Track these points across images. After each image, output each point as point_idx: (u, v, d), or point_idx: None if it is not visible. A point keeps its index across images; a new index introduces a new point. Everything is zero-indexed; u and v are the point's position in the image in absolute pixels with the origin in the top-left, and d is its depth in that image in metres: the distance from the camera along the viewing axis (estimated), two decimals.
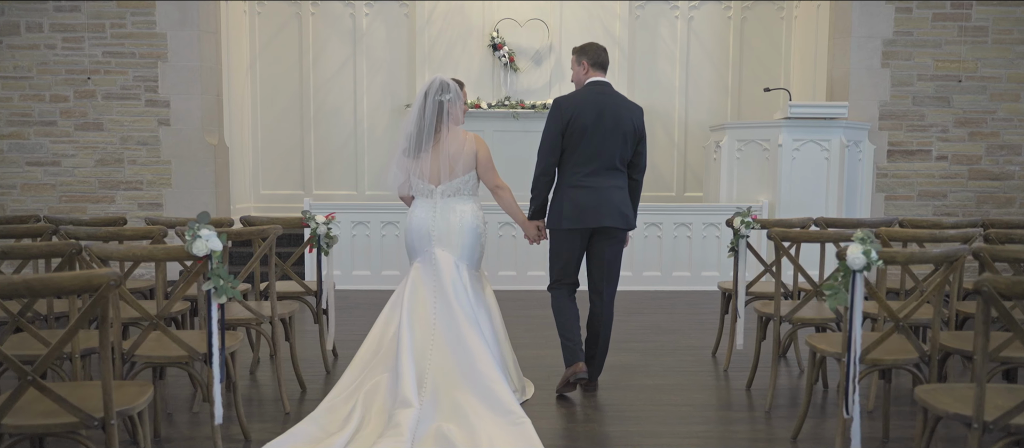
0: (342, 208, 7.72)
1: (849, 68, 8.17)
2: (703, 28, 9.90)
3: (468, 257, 3.97)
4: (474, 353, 3.67)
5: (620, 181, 4.10)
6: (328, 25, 9.71)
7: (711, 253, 7.79)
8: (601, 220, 4.01)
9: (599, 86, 4.11)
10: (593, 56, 4.17)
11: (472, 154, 3.94)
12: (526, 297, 7.24)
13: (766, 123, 7.85)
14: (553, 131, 4.04)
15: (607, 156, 4.02)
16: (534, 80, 9.63)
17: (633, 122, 4.09)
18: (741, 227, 4.57)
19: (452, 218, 3.91)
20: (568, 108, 4.02)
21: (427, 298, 3.82)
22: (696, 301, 7.24)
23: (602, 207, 4.00)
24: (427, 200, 3.94)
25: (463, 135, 3.95)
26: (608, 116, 4.00)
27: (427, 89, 3.86)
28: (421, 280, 3.88)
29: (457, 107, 3.92)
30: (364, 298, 7.27)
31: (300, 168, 9.87)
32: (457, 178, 3.91)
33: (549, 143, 4.05)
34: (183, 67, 7.94)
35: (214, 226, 4.15)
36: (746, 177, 7.95)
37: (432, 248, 3.90)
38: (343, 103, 9.81)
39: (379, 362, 3.76)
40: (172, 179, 8.06)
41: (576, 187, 4.02)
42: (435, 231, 3.90)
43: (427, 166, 3.89)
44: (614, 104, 4.05)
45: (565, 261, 4.14)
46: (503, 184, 4.09)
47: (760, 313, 4.23)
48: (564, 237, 4.11)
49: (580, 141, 3.99)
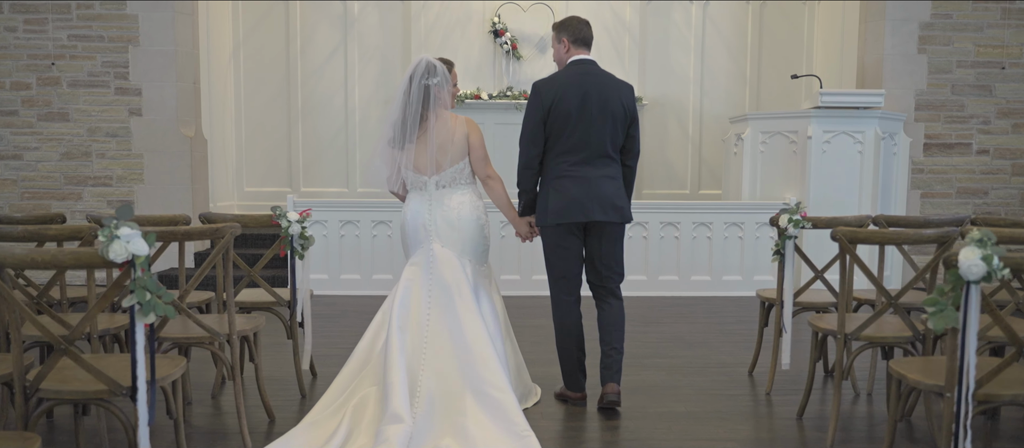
0: (329, 206, 7.06)
1: (883, 54, 7.51)
2: (720, 14, 9.23)
3: (471, 251, 3.65)
4: (479, 356, 3.37)
5: (612, 170, 3.73)
6: (317, 10, 9.04)
7: (732, 256, 7.12)
8: (591, 214, 3.65)
9: (582, 65, 3.71)
10: (574, 31, 3.75)
11: (463, 139, 3.60)
12: (531, 304, 6.57)
13: (793, 113, 7.18)
14: (533, 119, 3.68)
15: (596, 143, 3.66)
16: (538, 69, 8.95)
17: (623, 103, 3.70)
18: (789, 226, 3.89)
19: (449, 211, 3.60)
20: (548, 92, 3.65)
21: (421, 299, 3.50)
22: (717, 308, 6.57)
23: (592, 199, 3.65)
24: (421, 193, 3.63)
25: (453, 120, 3.61)
26: (594, 98, 3.63)
27: (412, 72, 3.57)
28: (415, 279, 3.55)
29: (445, 91, 3.60)
30: (353, 305, 6.60)
31: (287, 163, 9.20)
32: (448, 168, 3.59)
33: (530, 133, 3.69)
34: (156, 52, 7.27)
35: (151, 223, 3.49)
36: (770, 172, 7.29)
37: (430, 244, 3.59)
38: (333, 94, 9.14)
39: (369, 373, 3.47)
40: (144, 174, 7.39)
41: (562, 177, 3.68)
42: (432, 225, 3.60)
43: (414, 156, 3.58)
44: (600, 84, 3.67)
45: (560, 260, 3.77)
46: (495, 174, 3.73)
47: (817, 329, 3.54)
48: (554, 234, 3.75)
49: (564, 128, 3.64)
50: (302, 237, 3.83)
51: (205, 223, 3.81)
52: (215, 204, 8.53)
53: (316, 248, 7.00)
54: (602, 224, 3.72)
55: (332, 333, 5.55)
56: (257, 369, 3.51)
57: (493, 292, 3.77)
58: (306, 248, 3.88)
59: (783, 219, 3.91)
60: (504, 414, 3.22)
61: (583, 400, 3.87)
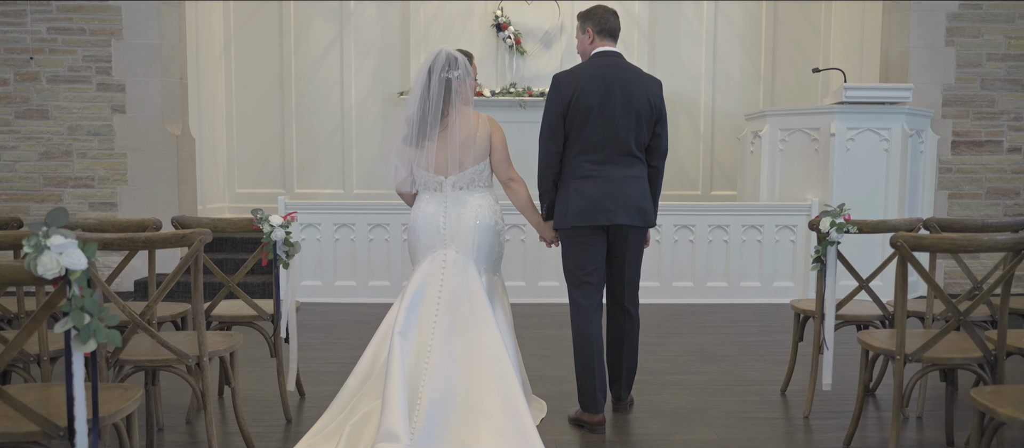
0: (323, 208, 6.65)
1: (908, 46, 7.10)
2: (733, 7, 8.82)
3: (487, 257, 3.43)
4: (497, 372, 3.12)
5: (637, 170, 3.49)
6: (311, 3, 8.63)
7: (751, 260, 6.71)
8: (613, 216, 3.41)
9: (607, 57, 3.48)
10: (599, 21, 3.53)
11: (486, 139, 3.38)
12: (538, 312, 6.17)
13: (815, 109, 6.77)
14: (553, 114, 3.45)
15: (619, 141, 3.42)
16: (543, 64, 8.55)
17: (649, 98, 3.47)
18: (831, 231, 3.48)
19: (466, 214, 3.37)
20: (568, 86, 3.42)
21: (429, 306, 3.25)
22: (736, 317, 6.17)
23: (615, 201, 3.41)
24: (435, 194, 3.40)
25: (475, 117, 3.39)
26: (618, 93, 3.40)
27: (431, 64, 3.33)
28: (426, 284, 3.30)
29: (467, 85, 3.39)
30: (347, 314, 6.19)
31: (280, 163, 8.79)
32: (469, 168, 3.37)
33: (549, 129, 3.46)
34: (141, 45, 6.87)
35: (116, 228, 3.09)
36: (790, 172, 6.88)
37: (444, 249, 3.36)
38: (328, 91, 8.73)
39: (372, 387, 3.24)
40: (128, 175, 6.98)
41: (584, 178, 3.44)
42: (446, 229, 3.37)
43: (433, 155, 3.35)
44: (625, 78, 3.43)
45: (579, 266, 3.51)
46: (518, 176, 3.50)
47: (870, 348, 3.12)
48: (574, 238, 3.50)
49: (585, 124, 3.40)
50: (287, 244, 3.43)
51: (178, 227, 3.41)
52: (204, 206, 8.13)
53: (309, 253, 6.61)
54: (625, 229, 3.48)
55: (324, 346, 5.15)
56: (234, 393, 3.10)
57: (505, 304, 3.54)
58: (291, 255, 3.48)
59: (825, 223, 3.50)
60: (524, 436, 2.98)
61: (602, 425, 3.48)
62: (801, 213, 6.66)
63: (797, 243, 6.69)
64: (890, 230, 3.64)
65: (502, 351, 3.16)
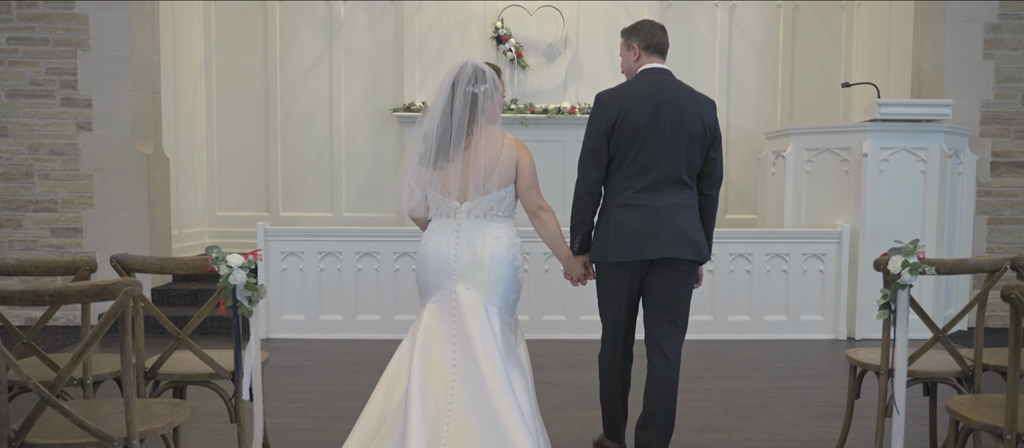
0: (307, 235, 6.05)
1: (942, 59, 6.56)
2: (748, 19, 8.29)
3: (501, 298, 3.05)
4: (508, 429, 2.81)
5: (686, 197, 3.18)
6: (299, 13, 8.08)
7: (776, 292, 6.13)
8: (661, 249, 3.10)
9: (655, 74, 3.21)
10: (646, 37, 3.26)
11: (512, 163, 3.06)
12: (544, 350, 5.57)
13: (846, 127, 6.22)
14: (596, 135, 3.18)
15: (668, 166, 3.12)
16: (546, 79, 8.00)
17: (703, 119, 3.16)
18: (903, 272, 2.89)
19: (481, 246, 3.04)
20: (613, 105, 3.16)
21: (445, 355, 2.94)
22: (762, 355, 5.58)
23: (662, 232, 3.10)
24: (449, 221, 3.07)
25: (501, 138, 3.07)
26: (668, 113, 3.10)
27: (456, 77, 3.03)
28: (436, 328, 2.99)
29: (494, 101, 3.08)
30: (333, 352, 5.58)
31: (264, 184, 8.20)
32: (491, 193, 3.04)
33: (591, 152, 3.19)
34: (109, 57, 6.30)
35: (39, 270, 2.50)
36: (818, 195, 6.31)
37: (453, 285, 3.02)
38: (316, 107, 8.16)
39: (387, 438, 2.89)
40: (94, 198, 6.39)
41: (626, 206, 3.14)
42: (458, 262, 3.03)
43: (452, 177, 3.04)
44: (676, 97, 3.14)
45: (617, 305, 3.26)
46: (547, 205, 3.17)
47: (966, 421, 2.52)
48: (613, 274, 3.21)
49: (631, 147, 3.12)
50: (249, 287, 2.83)
51: (118, 268, 2.81)
52: (181, 231, 7.54)
53: (291, 284, 6.01)
54: (673, 263, 3.15)
55: (303, 395, 4.54)
56: None
57: (522, 350, 3.16)
58: (255, 301, 2.88)
59: (895, 262, 2.91)
60: None
61: None
62: (830, 240, 6.09)
63: (826, 273, 6.11)
64: (971, 270, 3.06)
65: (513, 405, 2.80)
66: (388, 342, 5.77)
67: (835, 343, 6.02)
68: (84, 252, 6.40)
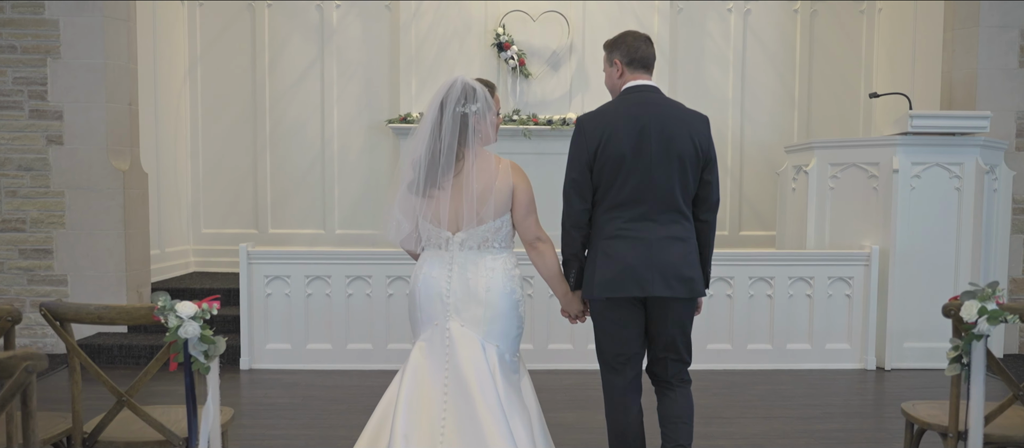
0: (293, 258, 5.60)
1: (975, 68, 6.12)
2: (763, 25, 7.86)
3: (500, 334, 2.86)
4: None
5: (680, 228, 2.93)
6: (289, 19, 7.65)
7: (799, 319, 5.68)
8: (650, 287, 2.87)
9: (639, 93, 2.97)
10: (628, 50, 3.01)
11: (508, 190, 2.85)
12: (550, 383, 5.13)
13: (874, 140, 5.78)
14: (577, 165, 2.95)
15: (658, 193, 2.88)
16: (550, 89, 7.56)
17: (694, 139, 2.91)
18: (980, 321, 2.45)
19: (475, 279, 2.84)
20: (594, 130, 2.92)
21: (434, 398, 2.72)
22: (786, 389, 5.14)
23: (651, 267, 2.87)
24: (441, 253, 2.88)
25: (496, 163, 2.87)
26: (654, 135, 2.87)
27: (444, 97, 2.83)
28: (426, 368, 2.78)
29: (487, 122, 2.87)
30: (320, 385, 5.13)
31: (252, 200, 7.76)
32: (486, 223, 2.84)
33: (573, 183, 2.96)
34: (81, 66, 5.87)
35: None
36: (843, 214, 5.87)
37: (446, 321, 2.83)
38: (307, 118, 7.73)
39: None
40: (66, 217, 5.94)
41: (615, 238, 2.91)
42: (451, 297, 2.84)
43: (443, 206, 2.84)
44: (662, 116, 2.90)
45: (613, 341, 2.99)
46: (545, 236, 2.96)
47: None
48: (605, 312, 2.97)
49: (616, 175, 2.89)
50: (205, 340, 2.38)
51: (48, 316, 2.36)
52: (163, 250, 7.10)
53: (277, 311, 5.57)
54: (665, 300, 2.90)
55: (286, 439, 4.08)
56: None
57: (527, 391, 2.94)
58: (212, 356, 2.43)
59: (970, 309, 2.47)
60: None
61: None
62: (858, 263, 5.64)
63: (853, 298, 5.66)
64: None
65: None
66: (381, 373, 5.34)
67: (863, 373, 5.57)
68: (55, 274, 5.96)
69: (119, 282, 5.98)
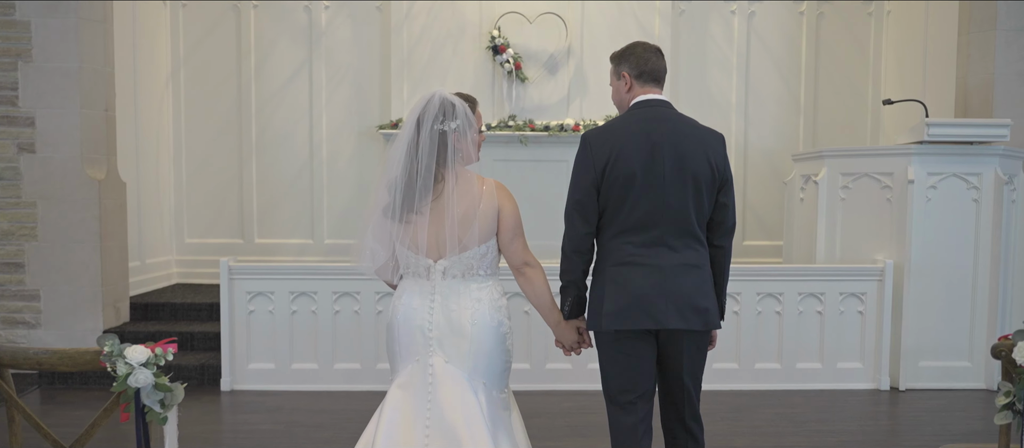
0: (276, 272, 5.31)
1: (993, 73, 5.86)
2: (767, 28, 7.59)
3: (485, 370, 2.66)
4: None
5: (694, 255, 2.72)
6: (276, 22, 7.37)
7: (809, 337, 5.42)
8: (664, 318, 2.66)
9: (650, 108, 2.76)
10: (638, 62, 2.81)
11: (492, 213, 2.65)
12: (548, 407, 4.86)
13: (887, 149, 5.52)
14: (582, 185, 2.73)
15: (671, 216, 2.68)
16: (548, 93, 7.29)
17: (710, 159, 2.72)
18: None
19: (460, 310, 2.65)
20: (602, 147, 2.71)
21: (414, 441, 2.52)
22: (797, 413, 4.87)
23: (664, 297, 2.66)
24: (421, 283, 2.68)
25: (479, 184, 2.68)
26: (667, 154, 2.67)
27: (420, 113, 2.62)
28: (405, 411, 2.58)
29: (468, 140, 2.67)
30: (305, 407, 4.85)
31: (238, 209, 7.47)
32: (470, 249, 2.65)
33: (577, 204, 2.74)
34: (55, 70, 5.58)
35: None
36: (855, 226, 5.60)
37: (428, 357, 2.63)
38: (295, 124, 7.44)
39: None
40: (38, 229, 5.65)
41: (625, 265, 2.70)
42: (433, 330, 2.64)
43: (422, 232, 2.63)
44: (676, 134, 2.70)
45: (621, 383, 2.76)
46: (534, 261, 2.75)
47: None
48: (613, 345, 2.75)
49: (625, 196, 2.68)
50: (160, 388, 2.10)
51: None
52: (143, 261, 6.80)
53: (260, 329, 5.28)
54: (679, 333, 2.70)
55: None
56: None
57: (517, 428, 2.74)
58: (169, 405, 2.15)
59: (1022, 351, 2.19)
60: None
61: None
62: (871, 277, 5.38)
63: (866, 315, 5.40)
64: None
65: None
66: (369, 395, 5.07)
67: (876, 394, 5.31)
68: (27, 289, 5.67)
69: (95, 297, 5.68)
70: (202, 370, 5.36)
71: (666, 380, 2.82)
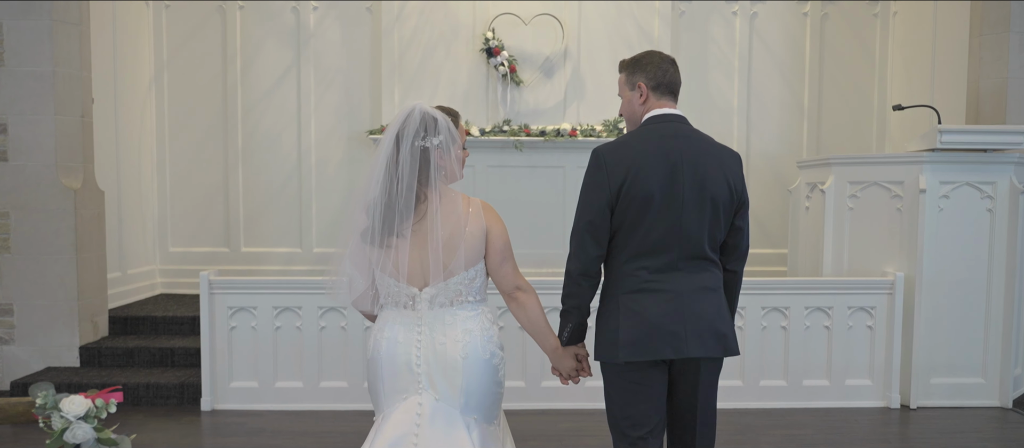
0: (260, 287, 5.07)
1: (1006, 77, 5.64)
2: (770, 30, 7.37)
3: (478, 405, 2.50)
4: None
5: (711, 278, 2.59)
6: (262, 22, 7.13)
7: (816, 353, 5.19)
8: (684, 346, 2.49)
9: (668, 124, 2.59)
10: (655, 73, 2.62)
11: (480, 235, 2.48)
12: (543, 427, 4.62)
13: (897, 157, 5.29)
14: (595, 204, 2.54)
15: (689, 239, 2.52)
16: (543, 97, 7.05)
17: (729, 180, 2.57)
18: None
19: (449, 343, 2.46)
20: (618, 165, 2.52)
21: None
22: (805, 434, 4.65)
23: (684, 324, 2.49)
24: (406, 313, 2.49)
25: (464, 204, 2.50)
26: (687, 175, 2.51)
27: (399, 129, 2.43)
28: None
29: (451, 156, 2.49)
30: (289, 428, 4.61)
31: (224, 216, 7.23)
32: (457, 275, 2.47)
33: (589, 225, 2.54)
34: (27, 74, 5.33)
35: None
36: (864, 237, 5.38)
37: (416, 394, 2.46)
38: (283, 129, 7.20)
39: None
40: (11, 240, 5.41)
41: (639, 292, 2.52)
42: (421, 365, 2.46)
43: (403, 257, 2.44)
44: (695, 153, 2.54)
45: (632, 416, 2.56)
46: (526, 285, 2.59)
47: None
48: (625, 377, 2.56)
49: (642, 218, 2.50)
50: (104, 442, 1.86)
51: None
52: (125, 272, 6.57)
53: (242, 346, 5.04)
54: (696, 361, 2.56)
55: None
56: None
57: None
58: None
59: None
60: None
61: None
62: (881, 291, 5.15)
63: (876, 329, 5.17)
64: None
65: None
66: (357, 414, 4.85)
67: (886, 412, 5.09)
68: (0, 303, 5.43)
69: (71, 312, 5.44)
70: (181, 389, 5.12)
71: (678, 411, 2.65)
